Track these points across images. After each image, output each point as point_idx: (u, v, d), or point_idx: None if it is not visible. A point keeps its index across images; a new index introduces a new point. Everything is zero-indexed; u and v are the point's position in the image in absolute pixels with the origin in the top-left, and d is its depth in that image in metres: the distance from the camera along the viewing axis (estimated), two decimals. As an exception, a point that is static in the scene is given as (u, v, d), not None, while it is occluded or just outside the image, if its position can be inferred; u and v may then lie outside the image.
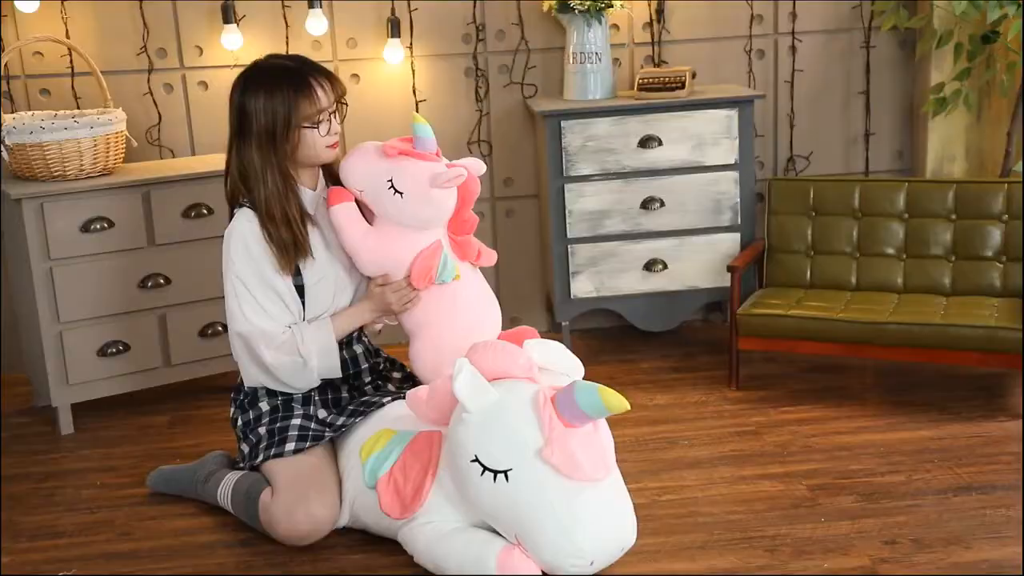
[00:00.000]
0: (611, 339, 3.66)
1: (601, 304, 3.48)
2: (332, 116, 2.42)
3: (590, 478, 2.08)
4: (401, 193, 2.42)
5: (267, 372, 2.45)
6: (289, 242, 2.38)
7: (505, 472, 2.09)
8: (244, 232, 2.40)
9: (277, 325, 2.42)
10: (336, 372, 2.48)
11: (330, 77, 2.43)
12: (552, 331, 3.72)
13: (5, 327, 3.48)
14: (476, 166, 2.51)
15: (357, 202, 2.49)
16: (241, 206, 2.45)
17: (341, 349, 2.54)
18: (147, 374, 3.15)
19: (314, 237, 2.45)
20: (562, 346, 2.32)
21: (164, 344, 3.16)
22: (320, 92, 2.39)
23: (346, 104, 2.47)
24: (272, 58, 2.49)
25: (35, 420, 3.20)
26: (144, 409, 3.22)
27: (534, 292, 3.75)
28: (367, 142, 2.50)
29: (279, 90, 2.36)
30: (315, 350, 2.43)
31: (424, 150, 2.45)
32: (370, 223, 2.50)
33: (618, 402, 2.05)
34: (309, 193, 2.49)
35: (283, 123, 2.37)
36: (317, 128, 2.40)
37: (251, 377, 2.49)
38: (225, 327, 3.19)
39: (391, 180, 2.42)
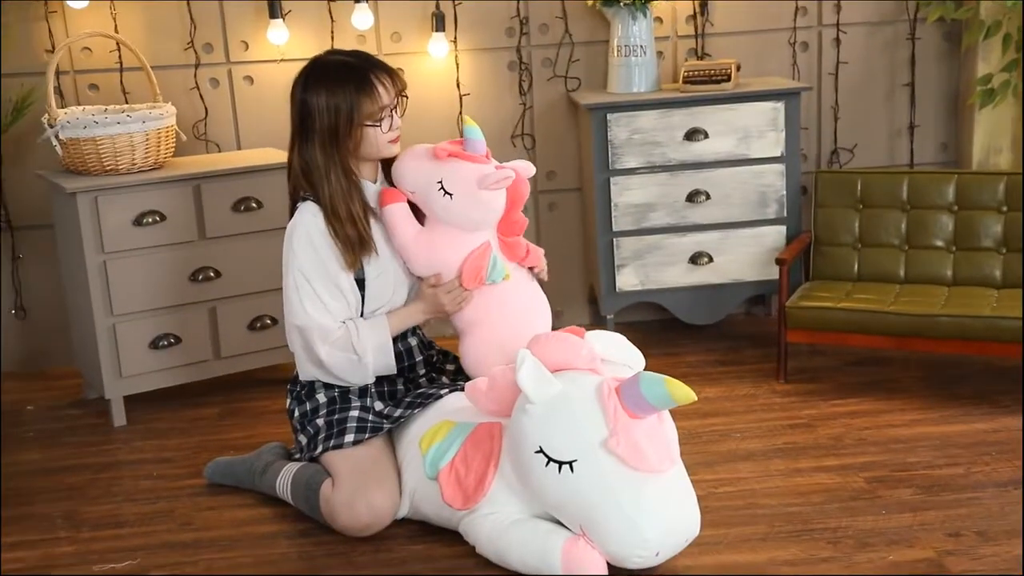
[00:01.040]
0: (654, 332, 3.66)
1: (646, 297, 3.49)
2: (393, 111, 2.43)
3: (655, 469, 2.09)
4: (450, 194, 2.43)
5: (321, 367, 2.46)
6: (355, 239, 2.40)
7: (570, 463, 2.10)
8: (308, 225, 2.41)
9: (334, 320, 2.43)
10: (391, 369, 2.49)
11: (391, 73, 2.44)
12: (595, 324, 3.72)
13: (57, 322, 3.51)
14: (526, 168, 2.52)
15: (410, 203, 2.50)
16: (304, 199, 2.45)
17: (396, 342, 2.55)
18: (197, 367, 3.18)
19: (377, 231, 2.46)
20: (623, 338, 2.33)
21: (214, 337, 3.18)
22: (381, 89, 2.40)
23: (407, 97, 2.47)
24: (333, 54, 2.49)
25: (87, 412, 3.23)
26: (194, 401, 3.25)
27: (576, 286, 3.76)
28: (418, 145, 2.51)
29: (341, 89, 2.37)
30: (371, 347, 2.43)
31: (474, 152, 2.47)
32: (422, 224, 2.51)
33: (684, 393, 2.05)
34: (371, 186, 2.50)
35: (345, 121, 2.38)
36: (379, 125, 2.41)
37: (306, 371, 2.50)
38: (273, 320, 3.23)
39: (441, 181, 2.43)
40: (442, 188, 2.42)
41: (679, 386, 2.05)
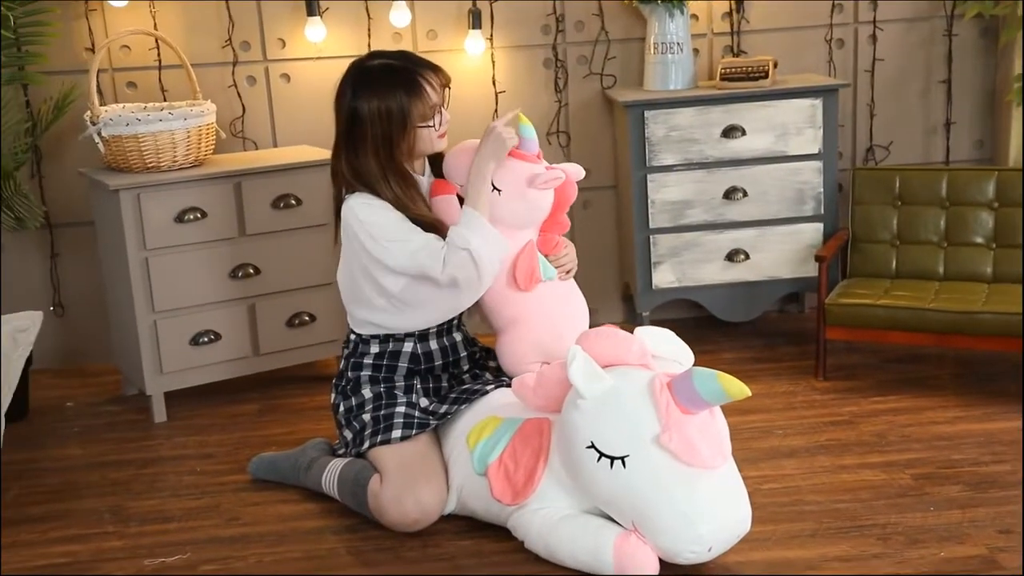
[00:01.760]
0: (689, 329, 3.63)
1: (682, 294, 3.48)
2: (441, 108, 2.44)
3: (708, 465, 2.08)
4: (499, 190, 2.44)
5: (452, 286, 2.38)
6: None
7: (622, 458, 2.10)
8: (366, 202, 2.38)
9: (433, 240, 2.37)
10: (505, 249, 2.40)
11: (436, 69, 2.44)
12: (628, 322, 3.72)
13: (94, 319, 3.53)
14: (576, 171, 2.54)
15: (458, 197, 2.51)
16: (352, 191, 2.44)
17: (441, 336, 2.56)
18: (236, 363, 3.19)
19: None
20: (673, 334, 2.33)
21: (253, 333, 3.19)
22: (429, 89, 2.40)
23: (449, 88, 2.48)
24: (374, 57, 2.48)
25: (127, 408, 3.24)
26: (232, 398, 3.26)
27: (610, 283, 3.76)
28: (471, 140, 2.52)
29: (391, 95, 2.37)
30: (470, 236, 2.35)
31: (526, 151, 2.48)
32: None
33: (738, 389, 2.05)
34: (420, 179, 2.51)
35: (399, 127, 2.38)
36: (432, 125, 2.42)
37: (450, 308, 2.45)
38: (312, 316, 3.25)
39: (491, 177, 2.44)
40: (491, 183, 2.43)
41: (733, 381, 2.05)
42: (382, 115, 2.37)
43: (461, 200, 2.50)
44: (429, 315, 2.50)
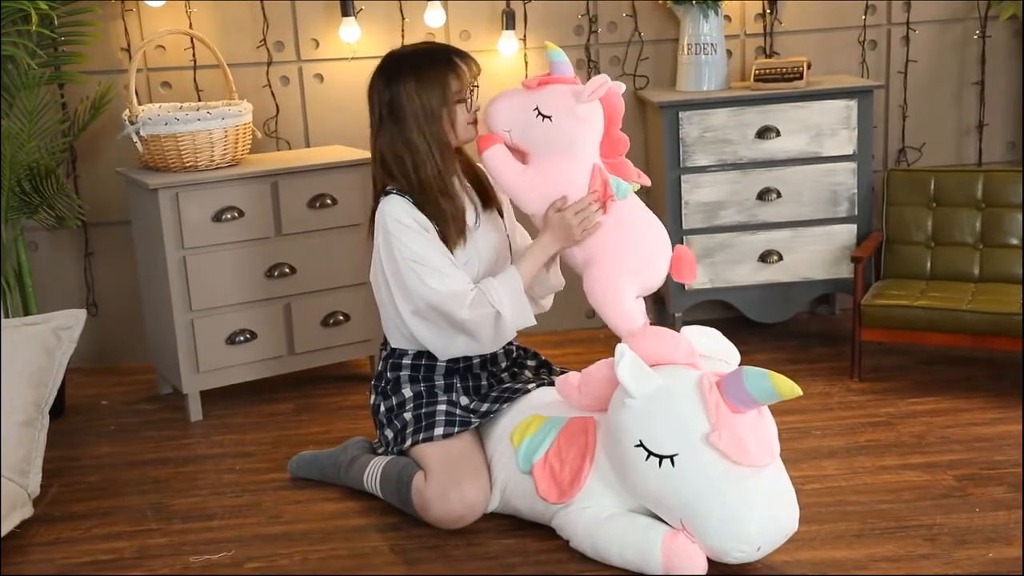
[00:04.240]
0: (721, 330, 3.63)
1: (715, 295, 3.48)
2: (471, 92, 2.47)
3: (757, 464, 2.08)
4: (549, 117, 2.42)
5: (466, 333, 2.41)
6: (452, 214, 2.42)
7: (671, 457, 2.10)
8: (399, 214, 2.41)
9: (463, 284, 2.41)
10: (530, 321, 2.46)
11: (465, 54, 2.50)
12: (659, 323, 3.71)
13: (128, 318, 3.55)
14: (616, 84, 2.51)
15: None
16: (387, 193, 2.46)
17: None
18: (271, 362, 3.20)
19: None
20: (719, 333, 2.33)
21: (288, 333, 3.20)
22: (464, 66, 2.45)
23: (478, 86, 2.49)
24: (403, 48, 2.55)
25: (162, 407, 3.25)
26: (267, 397, 3.27)
27: (641, 284, 3.75)
28: (509, 88, 2.53)
29: (428, 72, 2.41)
30: (507, 300, 2.40)
31: (561, 75, 2.48)
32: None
33: (789, 388, 2.05)
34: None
35: (439, 101, 2.41)
36: (467, 101, 2.45)
37: (446, 349, 2.45)
38: (346, 316, 3.24)
39: (537, 108, 2.43)
40: (539, 113, 2.42)
41: (784, 380, 2.05)
42: (420, 91, 2.40)
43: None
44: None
